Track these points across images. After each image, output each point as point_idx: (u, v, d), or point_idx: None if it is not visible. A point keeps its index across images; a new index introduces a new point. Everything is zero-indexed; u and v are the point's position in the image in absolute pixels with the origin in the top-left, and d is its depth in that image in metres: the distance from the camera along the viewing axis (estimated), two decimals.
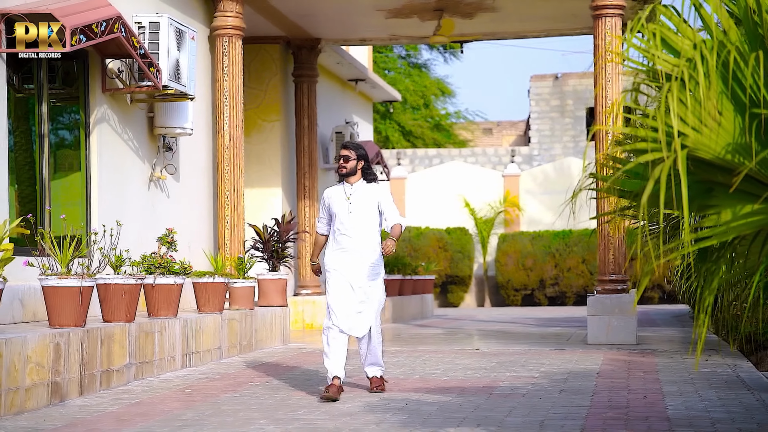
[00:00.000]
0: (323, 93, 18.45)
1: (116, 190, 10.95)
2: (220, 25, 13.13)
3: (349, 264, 7.99)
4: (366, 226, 8.04)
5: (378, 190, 8.13)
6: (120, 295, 8.75)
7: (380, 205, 8.07)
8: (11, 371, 7.10)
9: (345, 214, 8.06)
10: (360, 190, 8.12)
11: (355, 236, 8.01)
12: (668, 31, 4.47)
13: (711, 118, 4.28)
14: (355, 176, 8.16)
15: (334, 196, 8.19)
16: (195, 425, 6.68)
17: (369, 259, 8.02)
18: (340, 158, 8.17)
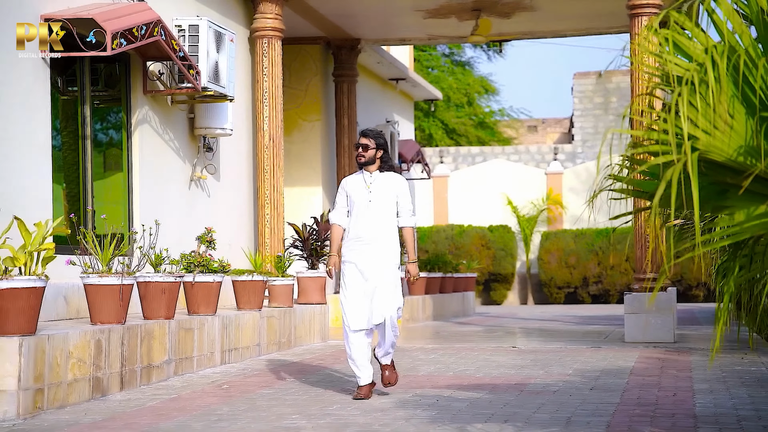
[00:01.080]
0: (364, 92, 18.62)
1: (157, 190, 11.18)
2: (260, 27, 13.33)
3: (366, 254, 7.78)
4: (385, 215, 7.84)
5: (398, 182, 7.94)
6: (160, 292, 8.96)
7: (397, 198, 7.89)
8: (53, 366, 7.32)
9: (365, 203, 7.85)
10: (380, 179, 7.90)
11: (374, 225, 7.81)
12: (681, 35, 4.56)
13: (722, 121, 4.37)
14: (374, 165, 7.92)
15: (353, 185, 7.96)
16: (229, 419, 6.87)
17: (386, 248, 7.80)
18: (359, 146, 7.92)
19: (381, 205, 7.83)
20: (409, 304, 17.10)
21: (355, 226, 7.88)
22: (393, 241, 7.86)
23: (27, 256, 7.14)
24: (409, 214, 7.95)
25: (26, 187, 9.05)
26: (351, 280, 7.84)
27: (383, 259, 7.78)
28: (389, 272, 7.79)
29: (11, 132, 8.90)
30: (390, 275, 7.80)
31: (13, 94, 8.95)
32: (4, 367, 6.94)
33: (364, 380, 7.81)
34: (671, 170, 4.25)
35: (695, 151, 4.33)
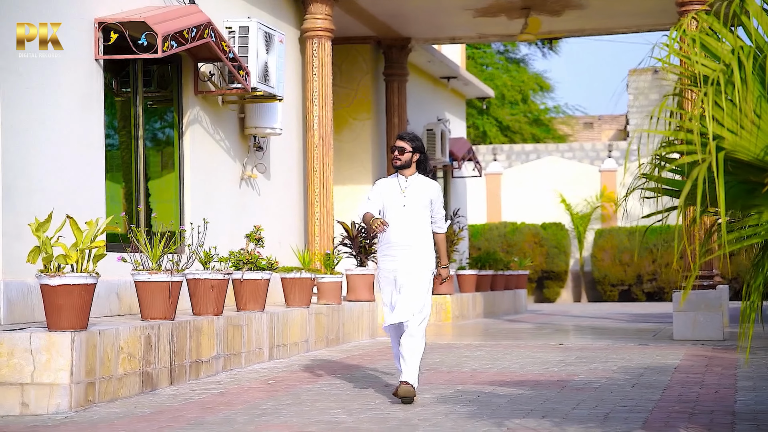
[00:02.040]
0: (415, 91, 18.75)
1: (208, 189, 11.39)
2: (310, 27, 13.51)
3: (400, 260, 7.63)
4: (419, 220, 7.69)
5: (432, 187, 7.79)
6: (208, 289, 9.16)
7: (432, 204, 7.77)
8: (104, 361, 7.54)
9: (399, 207, 7.69)
10: (415, 183, 7.76)
11: (408, 230, 7.65)
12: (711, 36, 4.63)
13: (749, 121, 4.44)
14: (410, 169, 7.77)
15: (388, 188, 7.78)
16: (273, 413, 7.03)
17: (421, 254, 7.65)
18: (395, 149, 7.76)
19: (415, 209, 7.69)
20: (459, 302, 17.20)
21: (388, 230, 7.67)
22: (427, 247, 7.71)
23: (79, 254, 7.36)
24: (442, 220, 7.83)
25: (80, 186, 9.29)
26: (387, 289, 7.76)
27: (417, 265, 7.62)
28: (422, 277, 7.62)
29: (66, 133, 9.15)
30: (423, 279, 7.62)
31: (68, 96, 9.20)
32: (57, 361, 7.16)
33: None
34: (697, 169, 4.33)
35: (721, 151, 4.40)
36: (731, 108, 4.46)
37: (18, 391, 7.18)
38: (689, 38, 4.58)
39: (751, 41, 4.54)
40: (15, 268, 8.33)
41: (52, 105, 8.99)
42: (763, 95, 4.50)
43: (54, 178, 8.96)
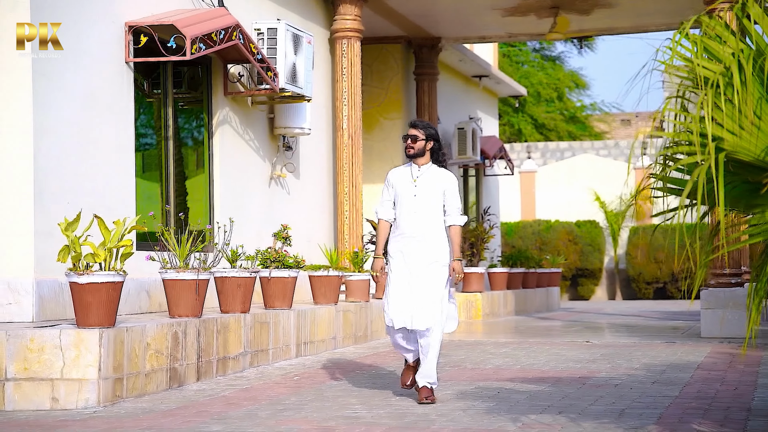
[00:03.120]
0: (446, 89, 18.86)
1: (238, 188, 11.58)
2: (339, 28, 13.67)
3: (412, 251, 7.42)
4: (431, 211, 7.45)
5: (446, 177, 7.52)
6: (235, 287, 9.34)
7: (444, 194, 7.49)
8: (132, 357, 7.73)
9: (410, 197, 7.46)
10: (428, 173, 7.51)
11: (419, 221, 7.43)
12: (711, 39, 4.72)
13: (749, 122, 4.53)
14: (424, 158, 7.52)
15: (399, 178, 7.58)
16: (295, 408, 7.19)
17: (432, 245, 7.42)
18: (408, 138, 7.53)
19: (427, 200, 7.45)
20: (489, 299, 17.30)
21: (399, 221, 7.52)
22: (439, 239, 7.47)
23: (106, 253, 7.55)
24: (457, 212, 7.53)
25: (111, 186, 9.50)
26: (396, 274, 7.50)
27: (429, 256, 7.41)
28: (437, 273, 7.42)
29: (96, 134, 9.36)
30: (438, 276, 7.42)
31: (99, 98, 9.41)
32: (86, 357, 7.35)
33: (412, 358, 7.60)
34: (698, 170, 4.43)
35: (721, 152, 4.49)
36: (732, 110, 4.55)
37: (48, 387, 7.38)
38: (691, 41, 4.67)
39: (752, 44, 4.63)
40: (47, 267, 8.54)
41: (83, 107, 9.19)
42: (763, 97, 4.59)
43: (85, 179, 9.16)
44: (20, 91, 8.56)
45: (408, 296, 7.44)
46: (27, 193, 8.53)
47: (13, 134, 8.55)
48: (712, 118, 4.51)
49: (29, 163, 8.53)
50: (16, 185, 8.54)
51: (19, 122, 8.54)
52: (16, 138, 8.55)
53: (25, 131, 8.54)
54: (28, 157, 8.53)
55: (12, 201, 8.54)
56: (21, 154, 8.54)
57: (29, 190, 8.53)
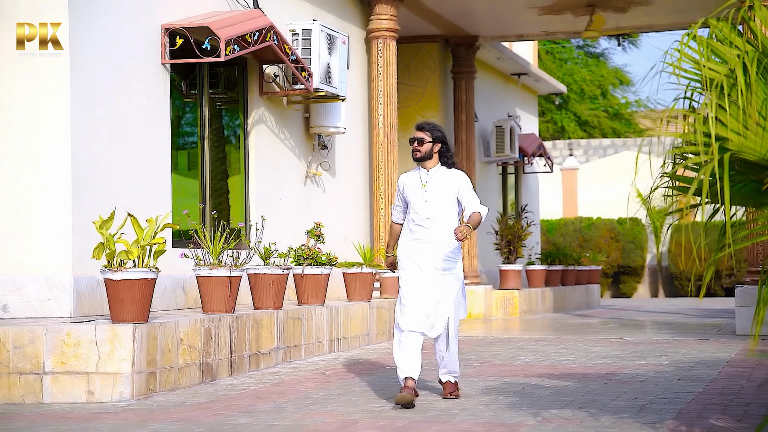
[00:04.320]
0: (485, 87, 18.95)
1: (273, 186, 11.78)
2: (375, 28, 13.83)
3: (425, 256, 7.26)
4: (443, 215, 7.29)
5: (457, 177, 7.34)
6: (268, 284, 9.52)
7: (458, 194, 7.30)
8: (165, 352, 7.94)
9: (420, 202, 7.31)
10: (437, 176, 7.34)
11: (431, 226, 7.27)
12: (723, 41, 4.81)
13: (754, 123, 4.62)
14: (432, 161, 7.33)
15: (408, 183, 7.41)
16: (322, 402, 7.35)
17: (445, 251, 7.27)
18: (414, 140, 7.35)
19: (438, 204, 7.30)
20: (527, 296, 17.38)
21: (412, 226, 7.37)
22: (453, 242, 7.28)
23: (140, 250, 7.76)
24: (476, 202, 7.22)
25: (147, 185, 9.73)
26: (410, 281, 7.27)
27: (443, 262, 7.25)
28: (452, 279, 7.30)
29: (133, 134, 9.58)
30: (453, 282, 7.31)
31: (136, 99, 9.64)
32: (120, 352, 7.57)
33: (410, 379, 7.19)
34: (703, 169, 4.53)
35: (726, 152, 4.59)
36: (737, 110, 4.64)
37: (84, 380, 7.61)
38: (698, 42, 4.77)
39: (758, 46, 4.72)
40: (84, 264, 8.77)
41: (119, 107, 9.42)
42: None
43: (121, 178, 9.39)
44: (58, 92, 8.79)
45: (423, 303, 7.23)
46: (65, 192, 8.77)
47: (51, 135, 8.79)
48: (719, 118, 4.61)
49: (67, 162, 8.77)
50: (55, 184, 8.78)
51: (57, 123, 8.78)
52: (55, 138, 8.78)
53: (63, 132, 8.78)
54: (66, 156, 8.77)
55: (50, 199, 8.79)
56: (59, 153, 8.78)
57: (67, 188, 8.77)
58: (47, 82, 8.82)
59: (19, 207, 8.81)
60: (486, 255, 18.27)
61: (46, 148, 8.81)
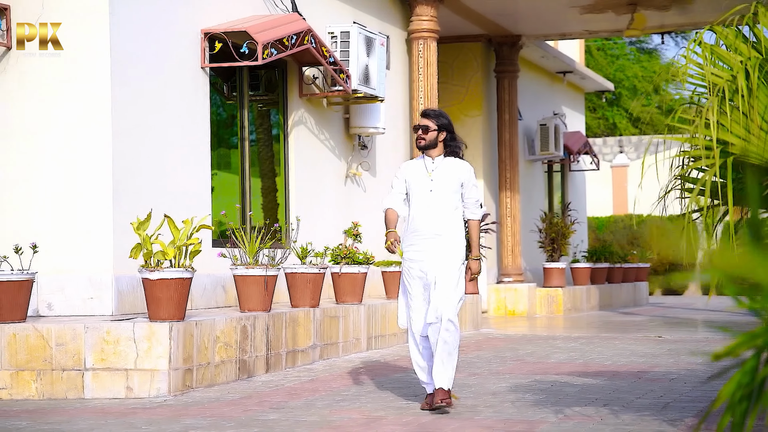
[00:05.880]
0: (530, 86, 19.02)
1: (313, 186, 11.98)
2: (416, 29, 13.97)
3: (427, 252, 6.97)
4: (447, 206, 7.00)
5: (463, 168, 7.06)
6: (305, 282, 9.72)
7: (463, 186, 7.05)
8: (201, 349, 8.17)
9: (425, 192, 7.00)
10: (443, 165, 7.04)
11: (435, 218, 6.98)
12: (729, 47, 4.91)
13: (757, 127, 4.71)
14: (436, 149, 7.04)
15: (413, 172, 7.09)
16: (352, 399, 7.53)
17: (449, 244, 6.99)
18: (419, 128, 7.06)
19: (443, 194, 6.99)
20: (571, 294, 17.43)
21: (413, 218, 7.05)
22: (457, 236, 7.05)
23: (176, 250, 7.99)
24: (475, 205, 7.15)
25: (187, 186, 9.97)
26: (414, 284, 7.05)
27: (446, 256, 6.97)
28: (451, 269, 6.96)
29: (173, 136, 9.83)
30: (452, 272, 6.95)
31: (176, 102, 9.89)
32: (157, 349, 7.81)
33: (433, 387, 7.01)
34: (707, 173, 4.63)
35: (730, 155, 4.69)
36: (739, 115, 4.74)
37: (123, 376, 7.86)
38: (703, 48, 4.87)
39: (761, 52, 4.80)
40: (125, 263, 9.02)
41: (160, 110, 9.67)
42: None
43: (161, 179, 9.64)
44: (99, 96, 9.05)
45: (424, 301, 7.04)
46: (105, 193, 9.03)
47: (92, 137, 9.05)
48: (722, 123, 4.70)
49: (108, 164, 9.02)
50: (96, 186, 9.04)
51: (98, 126, 9.04)
52: (96, 141, 9.05)
53: (104, 134, 9.03)
54: (107, 159, 9.03)
55: (92, 200, 9.05)
56: (100, 156, 9.04)
57: (108, 190, 9.02)
58: (89, 85, 9.08)
59: (62, 208, 9.09)
60: (530, 253, 18.34)
61: (87, 151, 9.07)
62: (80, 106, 9.07)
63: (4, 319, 8.08)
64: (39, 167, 9.12)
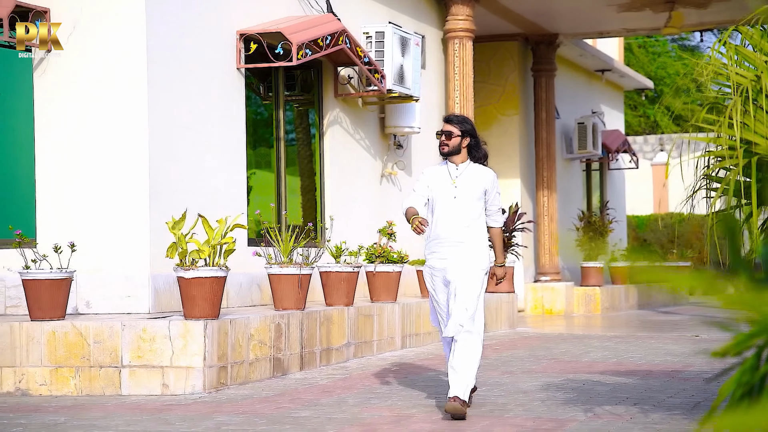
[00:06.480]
0: (567, 84, 18.99)
1: (347, 186, 12.06)
2: (452, 29, 14.01)
3: (450, 259, 6.85)
4: (471, 213, 6.88)
5: (487, 176, 6.96)
6: (339, 281, 9.80)
7: (486, 194, 6.94)
8: (236, 347, 8.27)
9: (448, 199, 6.88)
10: (467, 172, 6.95)
11: (459, 225, 6.85)
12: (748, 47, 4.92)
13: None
14: (461, 155, 6.95)
15: (436, 178, 6.96)
16: (383, 397, 7.59)
17: (472, 252, 6.84)
18: (442, 134, 6.97)
19: (467, 201, 6.88)
20: (609, 293, 17.38)
21: (436, 225, 6.92)
22: (481, 243, 6.92)
23: (210, 249, 8.10)
24: (498, 213, 7.05)
25: (223, 185, 10.08)
26: (440, 290, 6.97)
27: (468, 265, 6.81)
28: (473, 279, 6.79)
29: (208, 136, 9.95)
30: (473, 282, 6.79)
31: (211, 102, 10.00)
32: (191, 347, 7.92)
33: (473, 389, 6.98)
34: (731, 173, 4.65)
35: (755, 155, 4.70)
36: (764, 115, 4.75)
37: (159, 373, 7.98)
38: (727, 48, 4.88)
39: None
40: (162, 262, 9.15)
41: (196, 111, 9.79)
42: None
43: (198, 179, 9.76)
44: (136, 96, 9.18)
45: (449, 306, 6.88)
46: (143, 193, 9.16)
47: (130, 138, 9.19)
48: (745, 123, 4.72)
49: (145, 165, 9.15)
50: (133, 185, 9.17)
51: (135, 127, 9.17)
52: (133, 142, 9.18)
53: (141, 136, 9.17)
54: (144, 159, 9.16)
55: (130, 200, 9.19)
56: (137, 156, 9.17)
57: (145, 189, 9.15)
58: (126, 86, 9.21)
59: (100, 207, 9.23)
60: (567, 252, 18.32)
61: (124, 152, 9.20)
62: (117, 108, 9.21)
63: (43, 317, 8.23)
64: (78, 167, 9.27)
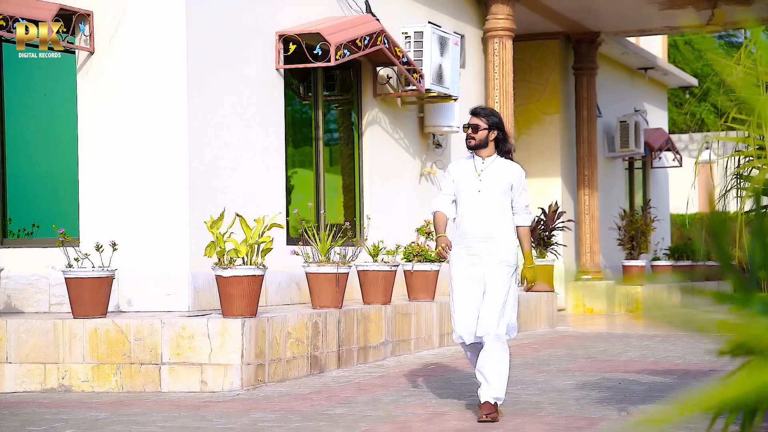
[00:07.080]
0: (609, 83, 18.92)
1: (386, 185, 12.12)
2: (491, 28, 14.03)
3: (479, 254, 6.62)
4: (497, 208, 6.66)
5: (514, 171, 6.74)
6: (376, 280, 9.87)
7: (512, 189, 6.71)
8: (273, 345, 8.37)
9: (473, 193, 6.67)
10: (493, 166, 6.72)
11: (483, 219, 6.63)
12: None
13: None
14: (487, 149, 6.73)
15: (461, 172, 6.77)
16: (418, 395, 7.65)
17: (500, 247, 6.61)
18: (468, 127, 6.78)
19: (492, 196, 6.66)
20: (652, 293, 17.30)
21: (461, 220, 6.73)
22: (507, 239, 6.67)
23: (248, 248, 8.20)
24: (525, 211, 6.81)
25: (262, 185, 10.19)
26: (461, 287, 6.69)
27: (497, 262, 6.60)
28: (502, 277, 6.58)
29: (247, 136, 10.06)
30: (502, 281, 6.57)
31: (251, 103, 10.11)
32: (229, 344, 8.02)
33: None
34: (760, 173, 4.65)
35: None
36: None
37: (198, 371, 8.09)
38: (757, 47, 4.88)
39: None
40: (201, 261, 9.26)
41: (235, 111, 9.90)
42: None
43: (237, 178, 9.87)
44: (175, 97, 9.31)
45: (473, 309, 6.63)
46: (182, 192, 9.28)
47: (169, 139, 9.32)
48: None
49: (184, 164, 9.28)
50: (173, 185, 9.30)
51: (174, 127, 9.30)
52: (173, 142, 9.31)
53: (181, 135, 9.29)
54: (184, 159, 9.28)
55: (170, 199, 9.32)
56: (177, 156, 9.29)
57: (185, 189, 9.28)
58: (166, 87, 9.34)
59: (141, 207, 9.37)
60: (609, 250, 18.26)
61: (165, 152, 9.33)
62: (158, 108, 9.34)
63: (86, 314, 8.38)
64: (119, 168, 9.42)
